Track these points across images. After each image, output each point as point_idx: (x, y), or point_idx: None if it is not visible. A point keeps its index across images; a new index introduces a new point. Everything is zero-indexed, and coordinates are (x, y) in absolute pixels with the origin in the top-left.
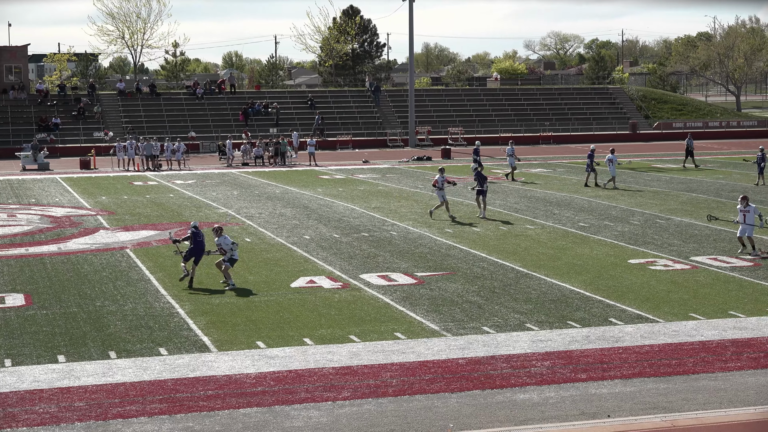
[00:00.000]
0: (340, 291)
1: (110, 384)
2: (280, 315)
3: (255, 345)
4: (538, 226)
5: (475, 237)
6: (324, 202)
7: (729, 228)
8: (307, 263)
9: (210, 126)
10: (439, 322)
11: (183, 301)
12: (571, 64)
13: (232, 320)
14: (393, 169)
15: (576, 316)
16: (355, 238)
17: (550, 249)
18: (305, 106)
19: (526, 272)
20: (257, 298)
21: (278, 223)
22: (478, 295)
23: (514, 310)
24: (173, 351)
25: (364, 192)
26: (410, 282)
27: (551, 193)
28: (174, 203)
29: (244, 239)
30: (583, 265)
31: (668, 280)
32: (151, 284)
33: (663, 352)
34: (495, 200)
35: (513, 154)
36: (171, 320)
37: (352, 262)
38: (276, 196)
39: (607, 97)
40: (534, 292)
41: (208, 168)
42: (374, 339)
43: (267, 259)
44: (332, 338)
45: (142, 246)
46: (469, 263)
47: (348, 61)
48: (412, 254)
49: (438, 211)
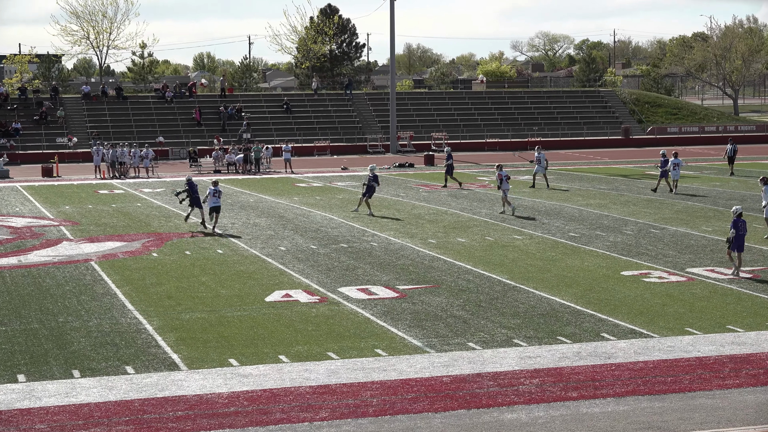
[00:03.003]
0: (317, 305)
1: (74, 405)
2: (254, 331)
3: (227, 363)
4: (527, 237)
5: (460, 248)
6: (300, 212)
7: None
8: (282, 276)
9: (180, 131)
10: (422, 338)
11: (151, 316)
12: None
13: (202, 336)
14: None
15: (566, 331)
16: (334, 250)
17: (539, 260)
18: (280, 111)
19: (513, 285)
20: (230, 313)
21: (252, 233)
22: (463, 310)
23: (501, 325)
24: (140, 369)
25: (343, 201)
26: (391, 295)
27: (540, 201)
28: (142, 213)
29: (216, 251)
30: (573, 278)
31: (663, 293)
32: (117, 299)
33: (658, 368)
34: (480, 209)
35: (541, 160)
36: (138, 337)
37: (331, 274)
38: (250, 205)
39: (599, 100)
40: (522, 306)
41: (178, 175)
42: (354, 356)
43: (240, 272)
44: (309, 355)
45: (108, 258)
46: (453, 275)
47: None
48: (393, 266)
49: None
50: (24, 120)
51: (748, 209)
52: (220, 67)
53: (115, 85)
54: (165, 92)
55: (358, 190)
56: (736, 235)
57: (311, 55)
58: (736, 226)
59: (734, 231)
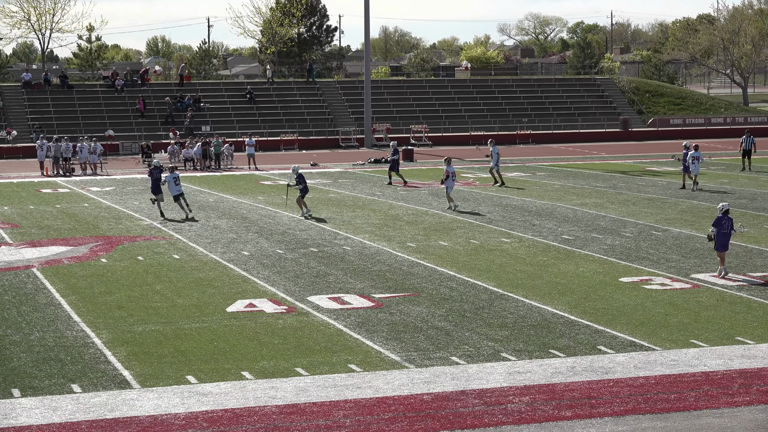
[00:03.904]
0: (284, 316)
1: (13, 428)
2: (215, 344)
3: (185, 380)
4: (515, 240)
5: (442, 252)
6: (266, 212)
7: (735, 240)
8: (246, 284)
9: (132, 123)
10: (401, 352)
11: (100, 329)
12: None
13: (157, 351)
14: (346, 173)
15: (559, 343)
16: (302, 254)
17: (529, 266)
18: (243, 101)
19: (501, 293)
20: (187, 324)
21: (212, 236)
22: (445, 320)
23: (487, 338)
24: (88, 388)
25: (313, 200)
26: (366, 305)
27: (530, 200)
28: (89, 214)
29: (172, 256)
30: (567, 285)
31: (666, 302)
32: (62, 309)
33: (660, 384)
34: (464, 209)
35: (493, 155)
36: (85, 351)
37: (299, 282)
38: (209, 206)
39: (595, 89)
40: (511, 316)
41: (129, 173)
42: (325, 372)
43: (199, 279)
44: (275, 371)
45: (52, 264)
46: (435, 283)
47: (293, 47)
48: (368, 272)
49: None
50: None
51: (759, 209)
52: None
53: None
54: (115, 80)
55: (329, 188)
56: (717, 234)
57: (277, 40)
58: (719, 223)
59: (715, 229)
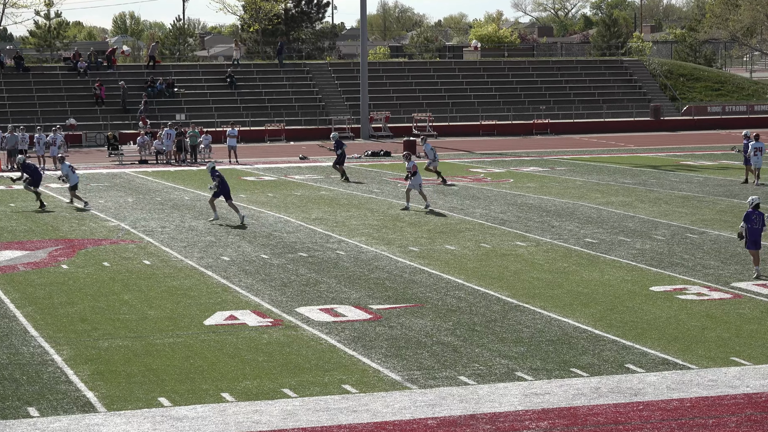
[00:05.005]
0: (270, 330)
1: None
2: (190, 362)
3: (157, 402)
4: (532, 243)
5: (448, 257)
6: (248, 212)
7: None
8: (226, 293)
9: (96, 111)
10: (402, 371)
11: (60, 344)
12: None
13: (125, 369)
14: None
15: (582, 361)
16: (290, 260)
17: (548, 273)
18: (223, 85)
19: (516, 304)
20: (159, 339)
21: (187, 239)
22: (452, 335)
23: (500, 354)
24: (47, 411)
25: (302, 198)
26: (363, 317)
27: (548, 199)
28: (48, 215)
29: (142, 261)
30: (591, 295)
31: (703, 314)
32: (17, 322)
33: (696, 408)
34: (474, 208)
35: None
36: (44, 370)
37: (286, 291)
38: (185, 205)
39: (622, 72)
40: (527, 331)
41: (93, 167)
42: (315, 393)
43: (172, 288)
44: (260, 393)
45: (5, 272)
46: (440, 292)
47: (279, 25)
48: (365, 280)
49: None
50: None
51: None
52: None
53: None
54: (77, 62)
55: (321, 185)
56: (749, 230)
57: (261, 16)
58: (749, 218)
59: (745, 225)
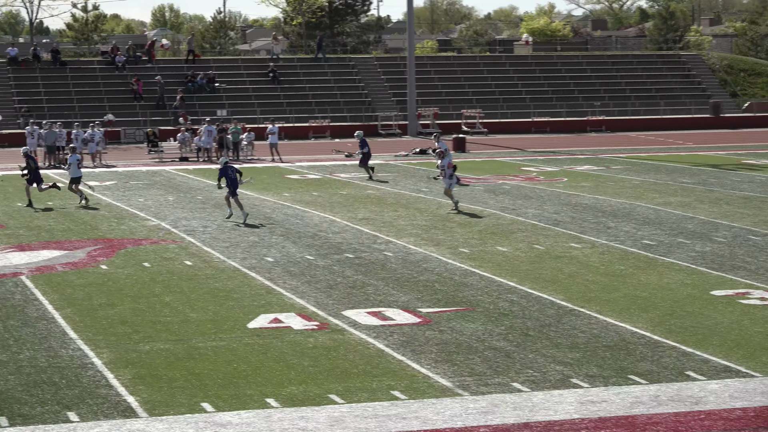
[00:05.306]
0: (315, 333)
1: None
2: (234, 366)
3: (199, 408)
4: (587, 245)
5: (500, 259)
6: (293, 212)
7: None
8: (270, 295)
9: (135, 107)
10: (453, 377)
11: (100, 347)
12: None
13: (167, 374)
14: (387, 165)
15: (640, 368)
16: (336, 261)
17: (604, 276)
18: (265, 80)
19: (570, 308)
20: (202, 343)
21: (230, 239)
22: (505, 340)
23: (554, 360)
24: (87, 416)
25: (348, 197)
26: (412, 321)
27: (604, 199)
28: (87, 213)
29: (184, 262)
30: (649, 299)
31: (767, 319)
32: (56, 324)
33: (761, 418)
34: (527, 208)
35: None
36: (83, 374)
37: (332, 293)
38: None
39: (680, 67)
40: (582, 336)
41: (133, 164)
42: (363, 400)
43: (215, 290)
44: (305, 398)
45: (43, 272)
46: (492, 295)
47: (323, 18)
48: (414, 283)
49: None
50: None
51: None
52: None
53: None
54: (115, 56)
55: (367, 184)
56: None
57: (305, 9)
58: None
59: None
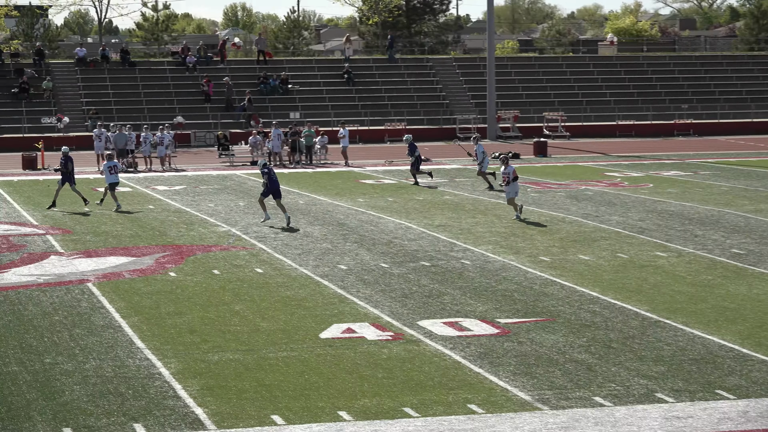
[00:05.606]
0: (390, 344)
1: None
2: (305, 378)
3: (269, 420)
4: (673, 254)
5: (582, 268)
6: (367, 218)
7: None
8: (343, 304)
9: (205, 109)
10: (532, 390)
11: (168, 357)
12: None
13: (236, 385)
14: (465, 170)
15: (729, 382)
16: (412, 269)
17: (691, 286)
18: (340, 81)
19: (655, 319)
20: (272, 353)
21: (302, 246)
22: (587, 352)
23: (638, 374)
24: (154, 428)
25: (425, 203)
26: (490, 332)
27: (691, 206)
28: (155, 218)
29: (254, 270)
30: (738, 310)
31: None
32: (123, 333)
33: None
34: (611, 215)
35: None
36: (150, 384)
37: (408, 303)
38: (299, 209)
39: None
40: (668, 348)
41: (203, 168)
42: (439, 413)
43: (286, 299)
44: (379, 412)
45: (110, 278)
46: (574, 306)
47: (400, 17)
48: (492, 292)
49: None
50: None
51: None
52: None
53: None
54: (186, 57)
55: (444, 189)
56: None
57: (381, 8)
58: None
59: None
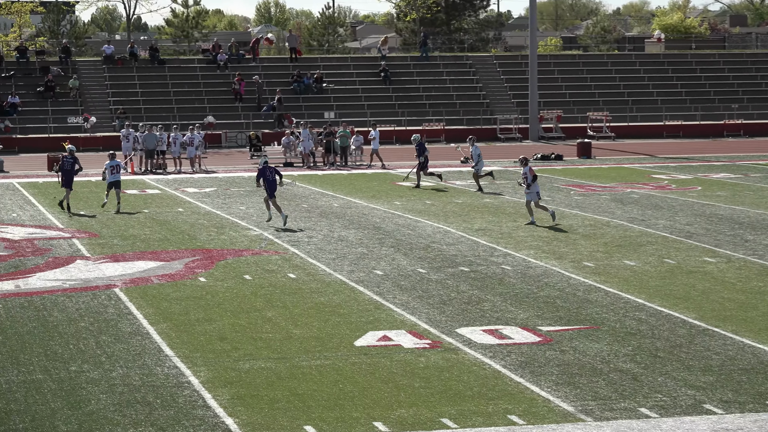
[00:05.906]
0: (427, 352)
1: None
2: (339, 387)
3: (302, 431)
4: (723, 259)
5: (627, 274)
6: (404, 221)
7: None
8: (378, 311)
9: (237, 108)
10: (575, 401)
11: (197, 365)
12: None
13: (268, 394)
14: (506, 172)
15: None
16: (450, 275)
17: (741, 293)
18: (376, 80)
19: (704, 327)
20: (305, 361)
21: (336, 251)
22: (632, 361)
23: (686, 384)
24: None
25: (463, 206)
26: (531, 340)
27: (741, 209)
28: (185, 222)
29: (287, 275)
30: None
31: None
32: (151, 340)
33: None
34: (657, 219)
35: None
36: (179, 393)
37: (446, 309)
38: (333, 212)
39: None
40: (717, 358)
41: (234, 170)
42: (478, 424)
43: (320, 305)
44: (416, 422)
45: (138, 284)
46: (619, 313)
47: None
48: (534, 299)
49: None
50: (24, 92)
51: None
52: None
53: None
54: (217, 54)
55: (484, 192)
56: None
57: (419, 4)
58: None
59: None
